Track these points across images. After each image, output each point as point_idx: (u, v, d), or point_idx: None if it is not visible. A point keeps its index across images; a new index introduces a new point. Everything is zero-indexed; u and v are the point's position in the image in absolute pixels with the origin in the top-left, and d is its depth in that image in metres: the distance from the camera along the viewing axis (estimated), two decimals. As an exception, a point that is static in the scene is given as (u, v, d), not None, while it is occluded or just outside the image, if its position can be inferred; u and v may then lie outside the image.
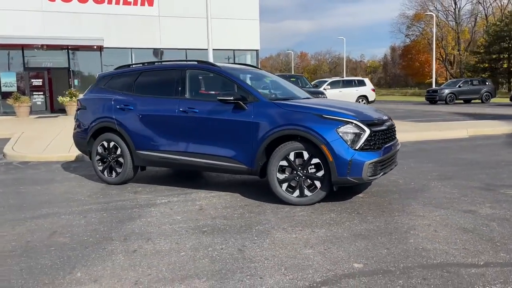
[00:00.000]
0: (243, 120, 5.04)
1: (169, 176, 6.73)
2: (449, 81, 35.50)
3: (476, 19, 59.98)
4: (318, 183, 4.73)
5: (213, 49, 22.08)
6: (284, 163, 4.79)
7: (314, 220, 4.26)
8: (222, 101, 5.11)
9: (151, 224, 4.28)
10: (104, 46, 20.85)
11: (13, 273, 3.21)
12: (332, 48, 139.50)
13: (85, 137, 6.30)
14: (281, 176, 4.82)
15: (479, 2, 58.67)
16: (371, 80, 27.69)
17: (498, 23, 49.86)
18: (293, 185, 4.82)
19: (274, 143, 4.89)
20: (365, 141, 4.62)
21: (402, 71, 72.14)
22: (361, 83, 22.79)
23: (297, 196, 4.79)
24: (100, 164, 6.18)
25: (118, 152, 5.96)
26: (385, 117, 5.21)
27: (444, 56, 61.45)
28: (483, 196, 5.00)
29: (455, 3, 59.88)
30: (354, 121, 4.66)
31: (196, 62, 5.87)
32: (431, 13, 47.77)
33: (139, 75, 6.06)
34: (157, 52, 22.93)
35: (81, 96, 6.90)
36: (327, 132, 4.59)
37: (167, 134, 5.59)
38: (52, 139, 10.88)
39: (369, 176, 4.64)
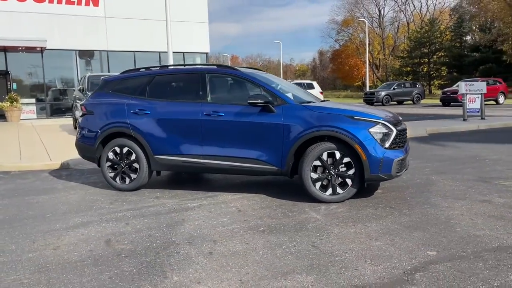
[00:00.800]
0: (273, 122, 5.21)
1: (175, 181, 6.69)
2: (384, 84, 37.74)
3: (398, 26, 64.18)
4: (349, 181, 5.02)
5: (161, 52, 21.84)
6: (318, 163, 5.03)
7: (358, 216, 4.55)
8: (252, 104, 5.24)
9: (204, 227, 4.32)
10: (47, 47, 19.74)
11: (105, 281, 3.14)
12: (262, 52, 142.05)
13: (93, 143, 6.09)
14: (315, 176, 5.05)
15: (401, 10, 62.92)
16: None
17: (418, 30, 53.81)
18: (325, 183, 5.07)
19: (305, 144, 5.11)
20: (392, 140, 5.00)
21: (331, 75, 75.27)
22: (310, 86, 23.68)
23: (330, 194, 5.05)
24: (110, 170, 6.01)
25: (133, 157, 5.85)
26: (400, 118, 5.63)
27: (371, 60, 65.06)
28: (486, 188, 5.57)
29: (380, 11, 63.70)
30: (383, 122, 5.02)
31: (215, 66, 5.94)
32: (363, 19, 50.42)
33: (153, 79, 5.99)
34: (101, 54, 22.15)
35: (83, 101, 6.64)
36: (360, 132, 4.90)
37: (189, 137, 5.59)
38: (14, 147, 10.22)
39: (396, 172, 5.02)
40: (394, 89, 30.49)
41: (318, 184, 5.06)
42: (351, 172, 5.00)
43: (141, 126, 5.79)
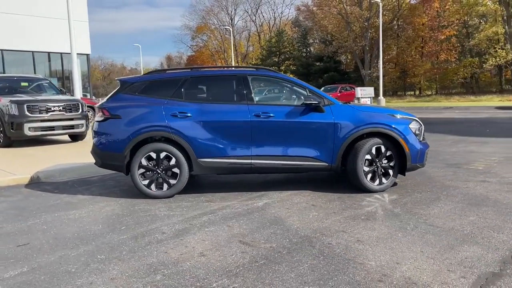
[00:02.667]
0: (325, 121, 5.63)
1: (192, 185, 6.54)
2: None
3: (249, 34, 68.14)
4: (391, 172, 5.75)
5: (36, 51, 20.07)
6: (368, 156, 5.63)
7: (417, 200, 5.28)
8: (308, 105, 5.59)
9: (308, 221, 4.52)
10: None
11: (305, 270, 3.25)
12: (104, 55, 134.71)
13: (121, 149, 5.62)
14: (366, 169, 5.64)
15: (252, 21, 66.96)
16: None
17: (268, 40, 58.12)
18: (371, 175, 5.70)
19: (354, 140, 5.66)
20: (423, 134, 5.90)
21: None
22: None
23: (377, 184, 5.70)
24: (143, 178, 5.64)
25: (172, 162, 5.60)
26: None
27: (225, 67, 67.59)
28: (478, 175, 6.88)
29: (231, 19, 66.72)
30: (416, 119, 5.88)
31: (254, 69, 6.09)
32: (228, 27, 52.14)
33: (187, 81, 5.82)
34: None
35: (101, 103, 5.99)
36: (404, 128, 5.67)
37: (237, 139, 5.63)
38: None
39: (425, 162, 5.93)
40: (265, 94, 32.59)
41: (369, 176, 5.67)
42: (392, 163, 5.73)
43: (183, 129, 5.59)
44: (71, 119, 11.28)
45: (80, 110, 11.52)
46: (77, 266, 3.52)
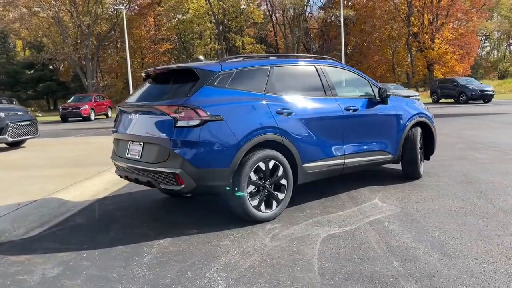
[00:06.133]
0: (391, 112, 5.63)
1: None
2: None
3: None
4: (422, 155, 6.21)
5: None
6: (419, 145, 5.93)
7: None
8: (384, 97, 5.44)
9: (426, 233, 4.55)
10: None
11: None
12: None
13: (227, 163, 4.00)
14: (419, 156, 5.92)
15: None
16: None
17: None
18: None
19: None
20: None
21: None
22: None
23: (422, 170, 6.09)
24: (251, 198, 4.22)
25: (280, 172, 4.41)
26: None
27: None
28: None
29: None
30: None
31: (322, 59, 5.34)
32: None
33: (273, 71, 4.63)
34: None
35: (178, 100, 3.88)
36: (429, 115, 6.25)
37: (333, 137, 4.94)
38: None
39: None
40: None
41: (422, 164, 5.98)
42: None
43: (289, 129, 4.48)
44: None
45: None
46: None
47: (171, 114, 3.97)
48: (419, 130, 5.88)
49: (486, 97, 25.12)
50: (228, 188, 4.06)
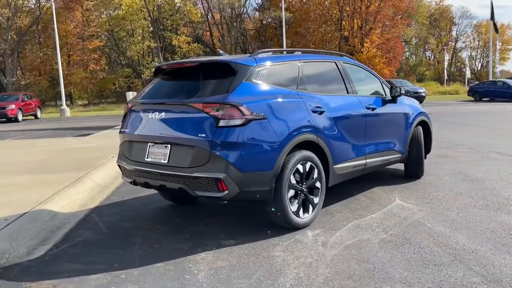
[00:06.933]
0: (401, 112, 5.58)
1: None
2: None
3: None
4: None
5: None
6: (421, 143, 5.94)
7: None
8: (396, 96, 5.37)
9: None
10: None
11: None
12: None
13: (270, 166, 3.66)
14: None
15: None
16: None
17: None
18: None
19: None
20: None
21: None
22: None
23: (419, 168, 6.12)
24: (291, 201, 3.92)
25: (315, 175, 4.14)
26: None
27: None
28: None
29: None
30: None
31: (339, 55, 5.13)
32: None
33: (300, 66, 4.35)
34: None
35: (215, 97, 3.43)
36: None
37: (357, 135, 4.77)
38: None
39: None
40: None
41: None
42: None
43: (323, 129, 4.23)
44: None
45: None
46: None
47: (211, 113, 3.55)
48: (421, 128, 5.90)
49: (419, 99, 26.47)
50: (270, 192, 3.71)
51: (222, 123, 3.52)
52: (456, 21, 66.85)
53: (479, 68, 68.66)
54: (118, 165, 4.41)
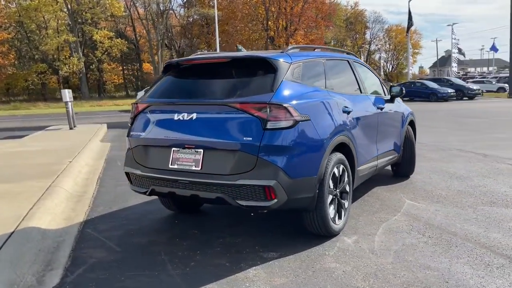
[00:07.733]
0: (399, 111, 5.60)
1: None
2: None
3: None
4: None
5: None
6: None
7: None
8: (395, 94, 5.38)
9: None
10: None
11: None
12: None
13: (315, 171, 3.42)
14: (413, 155, 6.02)
15: None
16: None
17: None
18: None
19: None
20: None
21: None
22: None
23: (408, 168, 6.21)
24: (329, 207, 3.71)
25: (346, 178, 3.97)
26: None
27: None
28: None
29: None
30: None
31: (346, 53, 4.96)
32: None
33: (325, 64, 4.14)
34: None
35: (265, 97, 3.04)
36: None
37: (371, 137, 4.67)
38: None
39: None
40: None
41: None
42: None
43: (352, 130, 4.07)
44: None
45: None
46: None
47: (257, 114, 3.20)
48: (411, 128, 5.97)
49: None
50: (314, 199, 3.47)
51: (270, 125, 3.19)
52: (369, 25, 70.96)
53: (390, 70, 73.51)
54: (126, 173, 3.87)
